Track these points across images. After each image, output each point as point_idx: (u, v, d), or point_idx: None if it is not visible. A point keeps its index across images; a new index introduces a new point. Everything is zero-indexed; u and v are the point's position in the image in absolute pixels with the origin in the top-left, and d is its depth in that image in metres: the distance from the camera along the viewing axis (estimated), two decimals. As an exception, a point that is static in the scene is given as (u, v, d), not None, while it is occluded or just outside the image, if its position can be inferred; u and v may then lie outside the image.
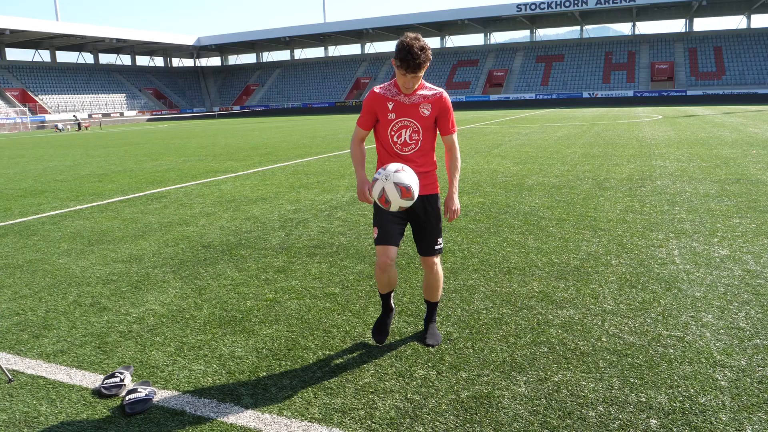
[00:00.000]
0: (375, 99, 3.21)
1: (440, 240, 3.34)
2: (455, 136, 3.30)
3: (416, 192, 3.00)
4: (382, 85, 3.25)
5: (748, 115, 28.58)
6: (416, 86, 3.13)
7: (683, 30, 68.33)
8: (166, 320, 3.88)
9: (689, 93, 57.19)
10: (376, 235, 3.24)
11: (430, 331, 3.48)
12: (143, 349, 3.44)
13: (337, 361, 3.20)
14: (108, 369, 3.18)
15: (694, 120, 25.20)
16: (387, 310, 3.48)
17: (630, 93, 59.99)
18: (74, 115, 56.20)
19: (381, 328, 3.42)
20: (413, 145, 3.19)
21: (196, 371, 3.13)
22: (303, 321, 3.79)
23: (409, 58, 2.94)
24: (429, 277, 3.43)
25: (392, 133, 3.19)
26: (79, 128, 47.01)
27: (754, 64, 59.30)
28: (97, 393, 2.92)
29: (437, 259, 3.38)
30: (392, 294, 3.50)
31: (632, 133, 18.49)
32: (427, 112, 3.15)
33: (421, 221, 3.29)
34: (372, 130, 3.31)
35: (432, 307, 3.53)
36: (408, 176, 2.98)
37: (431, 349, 3.32)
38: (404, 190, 2.95)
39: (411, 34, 3.01)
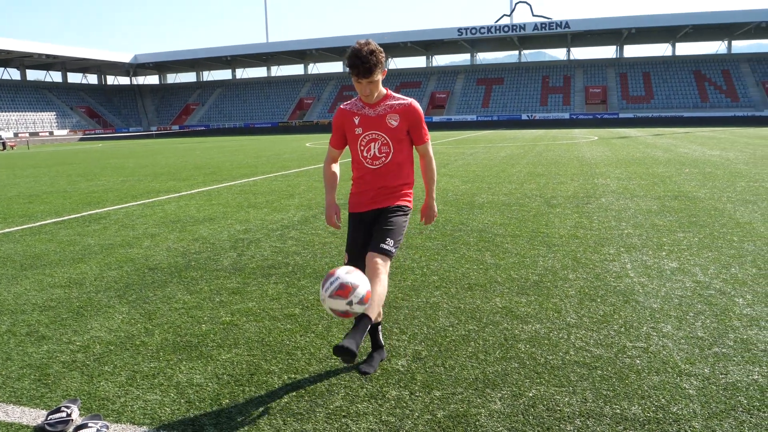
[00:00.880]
0: (341, 115, 3.14)
1: (390, 242, 2.99)
2: (429, 146, 3.23)
3: (359, 289, 2.68)
4: (348, 101, 3.18)
5: (676, 136, 30.11)
6: (376, 93, 3.02)
7: (614, 56, 71.73)
8: (115, 348, 3.62)
9: (621, 116, 59.87)
10: (346, 261, 3.15)
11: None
12: (90, 379, 3.18)
13: (305, 385, 3.05)
14: (51, 403, 2.92)
15: (628, 141, 26.31)
16: (374, 346, 3.33)
17: (566, 115, 62.27)
18: (-1, 134, 53.46)
19: (365, 361, 3.23)
20: (383, 158, 3.08)
21: (152, 401, 2.91)
22: (264, 344, 3.61)
23: (357, 63, 2.85)
24: (375, 287, 2.82)
25: (361, 147, 3.08)
26: (4, 148, 44.59)
27: (679, 88, 62.80)
28: (41, 430, 2.66)
29: (382, 264, 2.94)
30: (379, 328, 3.32)
31: (572, 153, 19.09)
32: (394, 123, 3.04)
33: (378, 221, 3.11)
34: (345, 147, 3.23)
35: (358, 321, 2.76)
36: (339, 302, 2.66)
37: (402, 368, 3.21)
38: (340, 315, 2.72)
39: (361, 40, 2.92)
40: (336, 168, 3.29)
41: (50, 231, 7.73)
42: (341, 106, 3.18)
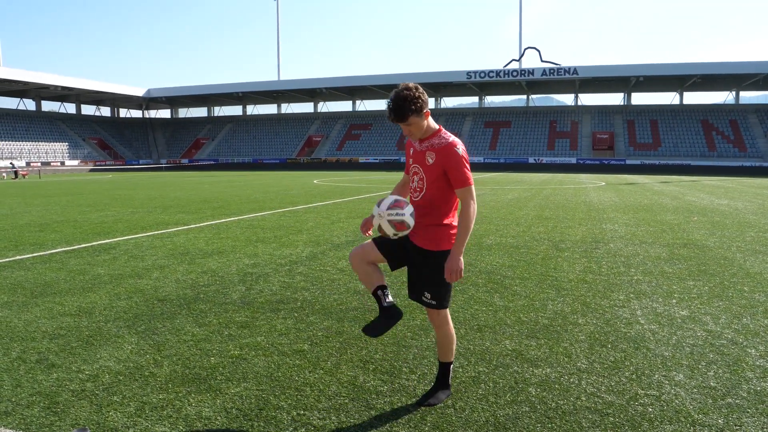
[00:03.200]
0: (407, 144, 3.35)
1: (429, 295, 3.18)
2: (468, 192, 3.05)
3: (411, 222, 3.07)
4: None
5: (683, 184, 30.19)
6: (418, 134, 3.13)
7: (622, 103, 72.49)
8: (123, 378, 3.62)
9: (628, 162, 60.15)
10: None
11: (433, 391, 3.33)
12: (99, 409, 3.17)
13: (313, 422, 3.03)
14: None
15: (635, 187, 26.40)
16: (380, 311, 3.21)
17: (573, 160, 62.62)
18: (11, 163, 54.09)
19: (370, 324, 3.25)
20: (419, 192, 3.20)
21: (161, 433, 2.89)
22: (273, 379, 3.60)
23: (390, 108, 3.02)
24: (435, 333, 3.35)
25: (411, 176, 3.28)
26: (16, 176, 45.20)
27: (687, 137, 63.21)
28: (49, 458, 2.65)
29: (438, 315, 3.23)
30: (383, 292, 3.19)
31: (580, 198, 19.15)
32: (431, 161, 3.11)
33: (411, 268, 3.28)
34: None
35: (440, 368, 3.37)
36: (401, 212, 3.05)
37: (412, 408, 3.19)
38: (398, 225, 3.05)
39: (401, 85, 3.04)
40: (404, 190, 3.47)
41: (61, 259, 7.78)
42: None
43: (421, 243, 3.18)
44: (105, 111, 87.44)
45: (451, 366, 3.39)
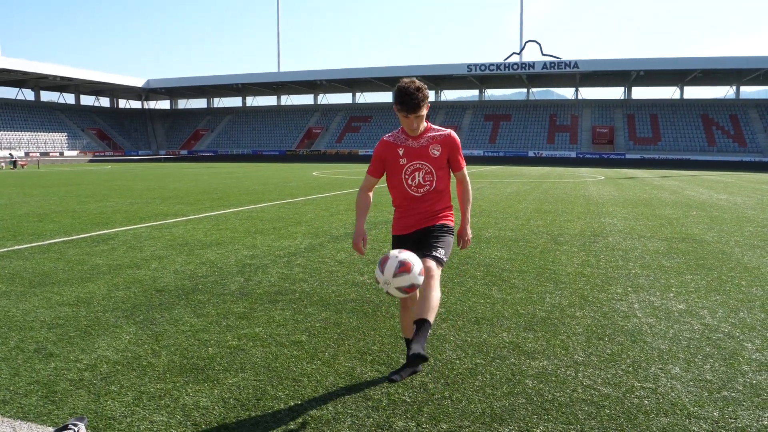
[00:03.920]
0: (385, 147, 3.35)
1: (441, 251, 3.27)
2: (465, 171, 3.50)
3: (420, 280, 3.03)
4: (390, 134, 3.41)
5: (683, 179, 30.18)
6: (422, 128, 3.27)
7: (622, 97, 72.34)
8: (121, 368, 3.63)
9: (628, 156, 60.11)
10: None
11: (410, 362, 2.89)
12: (97, 398, 3.18)
13: (311, 412, 3.04)
14: (59, 421, 2.92)
15: (634, 182, 26.40)
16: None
17: (573, 154, 62.56)
18: (10, 153, 53.97)
19: (396, 371, 3.16)
20: (428, 186, 3.33)
21: (158, 422, 2.90)
22: (270, 369, 3.61)
23: (407, 100, 3.12)
24: (429, 293, 3.04)
25: (406, 176, 3.32)
26: (15, 166, 45.12)
27: (687, 132, 63.14)
28: (47, 446, 2.66)
29: (435, 268, 3.12)
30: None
31: (579, 192, 19.15)
32: (437, 153, 3.29)
33: (426, 237, 3.36)
34: (382, 177, 3.45)
35: (421, 325, 2.94)
36: (405, 278, 2.98)
37: (408, 399, 3.20)
38: (408, 289, 3.02)
39: (406, 79, 3.19)
40: (371, 196, 3.50)
41: (59, 249, 7.78)
42: (385, 138, 3.40)
43: (436, 222, 3.39)
44: (104, 101, 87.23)
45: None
